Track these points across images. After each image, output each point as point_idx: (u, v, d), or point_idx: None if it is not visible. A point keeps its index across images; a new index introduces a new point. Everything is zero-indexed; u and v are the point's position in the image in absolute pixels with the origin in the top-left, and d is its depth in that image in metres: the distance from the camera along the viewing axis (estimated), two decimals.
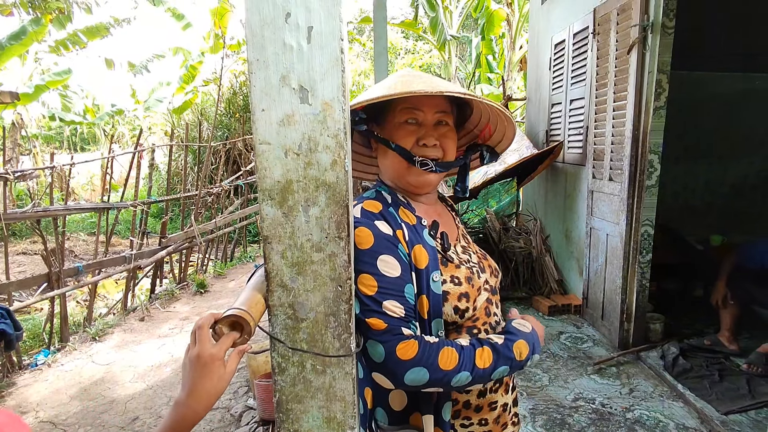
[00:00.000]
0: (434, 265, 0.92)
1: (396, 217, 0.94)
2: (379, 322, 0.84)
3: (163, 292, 5.14)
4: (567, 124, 4.08)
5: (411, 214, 0.97)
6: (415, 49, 15.15)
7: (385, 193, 0.99)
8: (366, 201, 0.96)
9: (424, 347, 0.84)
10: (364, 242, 0.87)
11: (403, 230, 0.92)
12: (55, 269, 3.85)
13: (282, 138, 0.72)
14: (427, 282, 0.90)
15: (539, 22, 4.83)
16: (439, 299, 0.91)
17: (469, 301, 0.94)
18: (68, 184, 5.77)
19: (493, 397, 0.98)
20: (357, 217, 0.91)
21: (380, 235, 0.89)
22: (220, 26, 8.92)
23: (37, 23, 7.20)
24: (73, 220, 9.18)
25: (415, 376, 0.83)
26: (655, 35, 2.84)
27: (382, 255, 0.87)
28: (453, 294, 0.92)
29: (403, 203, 0.98)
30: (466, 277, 0.95)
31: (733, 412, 2.46)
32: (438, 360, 0.83)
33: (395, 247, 0.89)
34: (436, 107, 0.95)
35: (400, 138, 0.94)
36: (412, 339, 0.85)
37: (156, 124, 12.70)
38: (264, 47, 0.69)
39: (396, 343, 0.84)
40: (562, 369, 3.04)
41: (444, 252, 0.96)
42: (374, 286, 0.86)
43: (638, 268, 3.12)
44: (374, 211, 0.93)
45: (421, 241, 0.93)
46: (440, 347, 0.85)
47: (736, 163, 4.66)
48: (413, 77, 0.93)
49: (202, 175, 6.01)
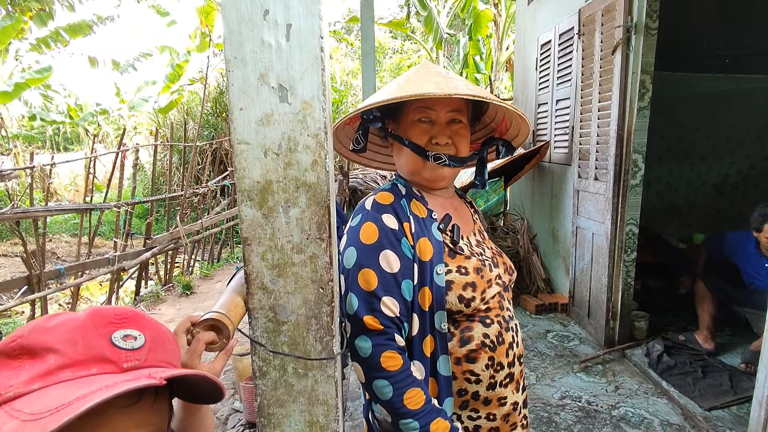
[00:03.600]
0: (439, 258, 0.94)
1: (406, 210, 0.96)
2: (375, 323, 0.87)
3: (149, 295, 5.07)
4: (553, 124, 4.11)
5: (423, 207, 0.99)
6: (403, 48, 15.16)
7: (401, 185, 1.02)
8: (380, 193, 0.99)
9: (404, 371, 0.87)
10: (369, 237, 0.92)
11: (411, 223, 0.95)
12: (36, 272, 3.76)
13: (261, 138, 0.71)
14: (431, 274, 0.92)
15: (525, 22, 4.86)
16: (442, 291, 0.93)
17: (476, 291, 0.95)
18: (49, 184, 5.65)
19: (502, 392, 0.99)
20: (367, 209, 0.96)
21: (385, 229, 0.92)
22: (207, 24, 8.83)
23: (11, 18, 7.03)
24: (55, 222, 9.00)
25: (381, 387, 0.87)
26: (638, 36, 2.88)
27: (385, 250, 0.91)
28: (458, 283, 0.94)
29: (416, 196, 1.01)
30: (475, 267, 0.97)
31: (716, 407, 2.50)
32: (406, 393, 0.86)
33: (398, 242, 0.92)
34: (449, 106, 0.97)
35: (413, 135, 0.97)
36: (398, 353, 0.88)
37: (141, 123, 12.51)
38: (241, 45, 0.68)
39: (385, 348, 0.87)
40: (549, 367, 3.06)
41: (453, 244, 0.98)
42: (375, 281, 0.89)
43: (623, 267, 3.16)
44: (385, 203, 0.96)
45: (428, 234, 0.95)
46: (415, 385, 0.88)
47: (718, 162, 4.74)
48: (427, 75, 0.94)
49: (188, 175, 5.94)
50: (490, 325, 0.97)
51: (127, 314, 0.54)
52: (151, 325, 0.56)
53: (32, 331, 0.49)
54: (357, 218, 0.97)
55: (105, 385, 0.46)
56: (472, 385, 0.96)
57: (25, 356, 0.48)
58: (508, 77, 9.45)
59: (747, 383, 2.67)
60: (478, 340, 0.95)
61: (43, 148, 12.77)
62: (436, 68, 0.98)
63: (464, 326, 0.96)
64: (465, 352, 0.95)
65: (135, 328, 0.53)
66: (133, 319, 0.54)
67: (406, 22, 10.41)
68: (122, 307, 0.56)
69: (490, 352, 0.96)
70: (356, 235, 0.93)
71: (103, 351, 0.50)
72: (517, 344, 1.03)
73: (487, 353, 0.96)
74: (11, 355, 0.48)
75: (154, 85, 10.79)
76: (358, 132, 1.02)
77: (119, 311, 0.54)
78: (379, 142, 1.15)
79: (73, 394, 0.44)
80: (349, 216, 1.03)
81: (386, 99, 0.90)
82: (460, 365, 0.95)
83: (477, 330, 0.96)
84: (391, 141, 1.03)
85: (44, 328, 0.49)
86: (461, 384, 0.96)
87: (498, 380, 0.98)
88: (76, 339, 0.49)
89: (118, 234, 5.11)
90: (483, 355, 0.95)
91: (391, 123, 1.02)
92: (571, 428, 2.42)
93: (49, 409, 0.43)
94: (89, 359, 0.49)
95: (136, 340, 0.52)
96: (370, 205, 0.96)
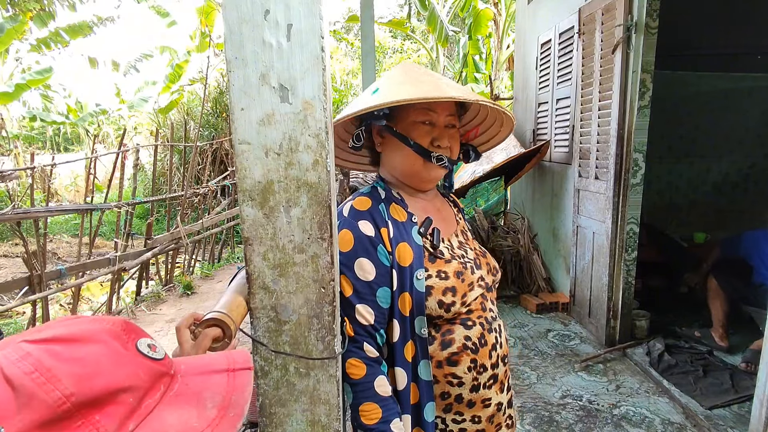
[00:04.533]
0: (419, 263, 0.93)
1: (384, 214, 0.96)
2: (348, 329, 0.89)
3: (149, 295, 5.07)
4: (553, 123, 4.11)
5: (402, 211, 0.99)
6: (403, 48, 15.16)
7: (380, 188, 1.02)
8: (358, 198, 0.99)
9: (364, 383, 0.88)
10: (344, 245, 0.91)
11: (389, 228, 0.94)
12: (37, 272, 3.76)
13: (262, 138, 0.71)
14: (410, 279, 0.92)
15: (525, 21, 4.86)
16: (422, 297, 0.92)
17: (456, 296, 0.94)
18: (49, 185, 5.65)
19: (486, 394, 0.98)
20: (344, 216, 0.95)
21: (361, 236, 0.92)
22: (207, 25, 8.82)
23: (14, 20, 7.04)
24: (55, 222, 9.00)
25: (346, 390, 0.89)
26: (639, 35, 2.88)
27: (360, 258, 0.91)
28: (437, 288, 0.93)
29: (396, 199, 1.00)
30: (456, 272, 0.96)
31: (717, 406, 2.50)
32: (362, 405, 0.88)
33: (374, 250, 0.92)
34: (448, 110, 0.98)
35: (416, 136, 0.97)
36: (365, 363, 0.89)
37: (141, 123, 12.52)
38: (242, 45, 0.68)
39: (352, 355, 0.88)
40: (549, 366, 3.06)
41: (433, 248, 0.97)
42: (350, 289, 0.90)
43: (624, 266, 3.16)
44: (362, 209, 0.95)
45: (407, 239, 0.95)
46: (373, 399, 0.88)
47: (717, 161, 4.74)
48: (429, 77, 0.96)
49: (188, 175, 5.94)
50: (472, 327, 0.96)
51: (121, 325, 0.49)
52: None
53: (77, 382, 0.40)
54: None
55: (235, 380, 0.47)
56: (454, 388, 0.96)
57: (88, 411, 0.40)
58: (508, 76, 9.44)
59: (748, 382, 2.66)
60: (459, 343, 0.95)
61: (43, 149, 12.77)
62: (424, 68, 1.01)
63: (445, 329, 0.95)
64: (446, 355, 0.94)
65: (144, 336, 0.50)
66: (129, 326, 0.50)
67: (406, 22, 10.40)
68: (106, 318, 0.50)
69: (472, 355, 0.95)
70: None
71: (155, 366, 0.47)
72: (501, 345, 1.02)
73: (469, 356, 0.95)
74: (65, 418, 0.39)
75: (154, 85, 10.80)
76: (360, 129, 1.00)
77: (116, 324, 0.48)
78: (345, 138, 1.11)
79: (192, 408, 0.44)
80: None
81: (406, 99, 0.88)
82: (442, 368, 0.95)
83: (458, 333, 0.95)
84: (382, 140, 1.02)
85: (89, 374, 0.41)
86: (444, 387, 0.95)
87: (481, 382, 0.97)
88: (134, 369, 0.45)
89: (119, 234, 5.11)
90: (465, 357, 0.95)
91: (389, 122, 1.01)
92: (572, 427, 2.42)
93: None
94: (154, 379, 0.46)
95: (155, 347, 0.49)
96: (347, 212, 0.96)
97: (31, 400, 0.38)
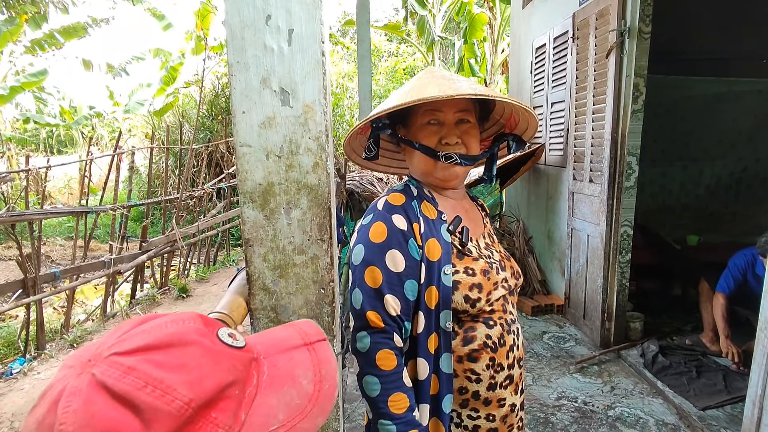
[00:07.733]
0: (447, 258, 0.96)
1: (416, 211, 0.99)
2: (378, 319, 0.90)
3: (144, 298, 5.04)
4: (548, 126, 4.14)
5: (433, 209, 1.02)
6: (399, 51, 15.21)
7: (413, 186, 1.05)
8: (392, 194, 1.02)
9: (395, 373, 0.90)
10: (378, 236, 0.94)
11: (420, 223, 0.97)
12: (31, 275, 3.74)
13: (263, 140, 0.72)
14: (438, 274, 0.94)
15: (520, 26, 4.90)
16: (448, 291, 0.95)
17: (482, 293, 0.96)
18: (44, 187, 5.62)
19: (502, 393, 1.01)
20: (378, 209, 0.98)
21: (394, 229, 0.94)
22: (203, 28, 8.82)
23: (11, 23, 7.01)
24: (50, 225, 8.94)
25: (370, 384, 0.90)
26: (632, 40, 2.91)
27: (392, 249, 0.93)
28: (464, 283, 0.96)
29: (427, 198, 1.03)
30: (482, 269, 0.99)
31: (711, 407, 2.53)
32: (392, 395, 0.89)
33: (406, 243, 0.95)
34: (456, 107, 0.99)
35: (423, 138, 1.00)
36: (395, 354, 0.90)
37: (136, 126, 12.46)
38: (244, 49, 0.69)
39: (382, 347, 0.90)
40: (545, 368, 3.07)
41: (462, 246, 1.00)
42: (381, 278, 0.91)
43: (618, 268, 3.18)
44: (396, 204, 0.99)
45: (437, 235, 0.98)
46: (402, 390, 0.90)
47: (710, 164, 4.79)
48: (431, 79, 0.97)
49: (183, 178, 5.93)
50: (493, 326, 0.99)
51: (200, 320, 0.48)
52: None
53: (191, 388, 0.40)
54: (368, 217, 0.99)
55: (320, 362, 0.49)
56: (472, 384, 0.98)
57: (205, 412, 0.41)
58: (503, 80, 9.50)
59: (741, 383, 2.69)
60: (480, 341, 0.97)
61: (36, 151, 12.70)
62: (440, 72, 1.00)
63: (468, 326, 0.98)
64: (467, 351, 0.97)
65: (221, 327, 0.49)
66: (205, 320, 0.49)
67: (402, 25, 10.44)
68: (182, 315, 0.48)
69: (491, 353, 0.98)
70: (366, 233, 0.96)
71: (244, 355, 0.47)
72: (518, 347, 1.05)
73: (489, 354, 0.98)
74: (189, 422, 0.40)
75: (149, 87, 10.75)
76: (369, 140, 1.05)
77: (195, 320, 0.48)
78: (392, 148, 1.18)
79: (290, 388, 0.46)
80: (346, 218, 1.05)
81: (392, 106, 0.93)
82: (462, 363, 0.97)
83: (480, 330, 0.98)
84: (403, 146, 1.06)
85: (198, 377, 0.42)
86: (462, 382, 0.98)
87: (498, 381, 0.99)
88: (231, 363, 0.45)
89: (114, 237, 5.08)
90: (484, 355, 0.97)
91: (402, 129, 1.06)
92: (567, 429, 2.43)
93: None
94: (247, 367, 0.46)
95: (235, 335, 0.49)
96: (382, 206, 0.99)
97: (155, 415, 0.38)
